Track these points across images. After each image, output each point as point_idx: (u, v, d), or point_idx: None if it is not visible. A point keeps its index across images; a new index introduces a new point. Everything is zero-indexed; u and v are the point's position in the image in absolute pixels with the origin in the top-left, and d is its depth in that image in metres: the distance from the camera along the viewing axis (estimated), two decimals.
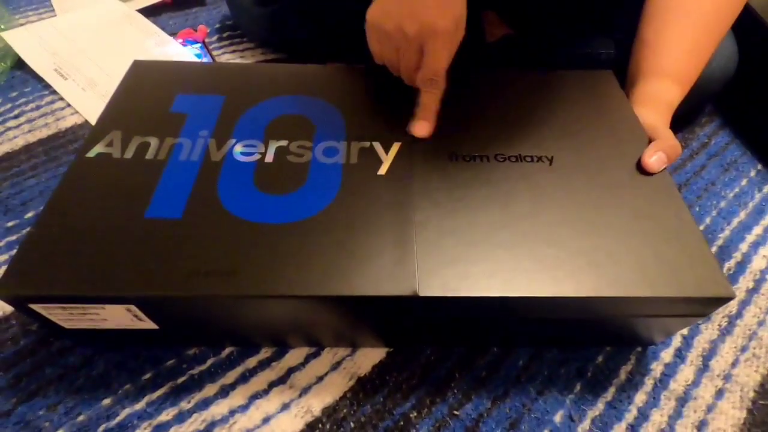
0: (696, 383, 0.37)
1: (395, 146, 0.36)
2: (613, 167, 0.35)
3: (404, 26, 0.33)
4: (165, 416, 0.33)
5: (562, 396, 0.35)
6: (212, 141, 0.35)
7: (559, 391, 0.35)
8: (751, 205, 0.49)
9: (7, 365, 0.34)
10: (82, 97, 0.54)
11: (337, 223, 0.31)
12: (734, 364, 0.38)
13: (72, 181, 0.32)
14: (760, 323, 0.40)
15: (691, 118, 0.58)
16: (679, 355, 0.38)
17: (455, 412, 0.34)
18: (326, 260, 0.29)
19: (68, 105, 0.53)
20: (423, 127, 0.36)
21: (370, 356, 0.36)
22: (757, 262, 0.45)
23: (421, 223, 0.31)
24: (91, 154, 0.34)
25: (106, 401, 0.33)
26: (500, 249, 0.30)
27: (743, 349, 0.39)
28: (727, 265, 0.44)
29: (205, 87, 0.40)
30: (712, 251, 0.31)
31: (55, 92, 0.55)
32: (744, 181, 0.52)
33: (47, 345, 0.35)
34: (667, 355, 0.38)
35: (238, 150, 0.35)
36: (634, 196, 0.33)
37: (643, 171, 0.35)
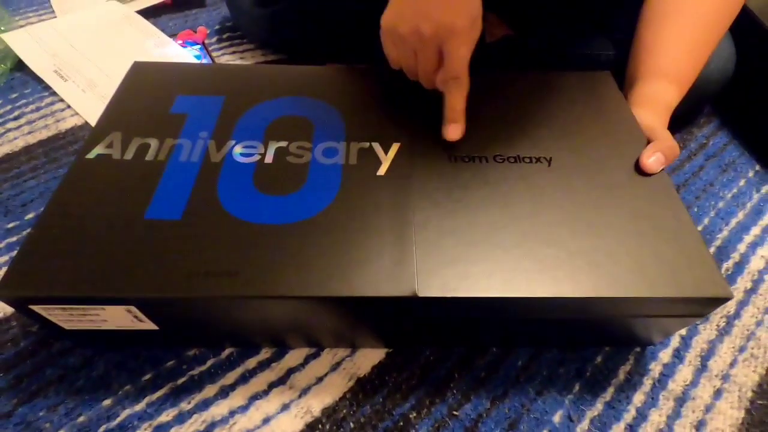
0: (694, 383, 0.37)
1: (394, 147, 0.36)
2: (611, 168, 0.35)
3: (420, 28, 0.32)
4: (165, 417, 0.33)
5: (561, 396, 0.35)
6: (212, 142, 0.35)
7: (558, 392, 0.35)
8: (749, 206, 0.50)
9: (8, 366, 0.34)
10: (82, 99, 0.54)
11: (337, 224, 0.31)
12: (732, 365, 0.38)
13: (72, 182, 0.32)
14: (758, 323, 0.40)
15: (690, 119, 0.58)
16: (678, 356, 0.38)
17: (454, 413, 0.34)
18: (325, 261, 0.29)
19: (68, 106, 0.54)
20: (455, 130, 0.36)
21: (369, 357, 0.36)
22: (755, 263, 0.45)
23: (421, 224, 0.31)
24: (91, 155, 0.34)
25: (107, 402, 0.33)
26: (499, 249, 0.30)
27: (741, 350, 0.39)
28: (725, 266, 0.44)
29: (205, 88, 0.40)
30: (710, 252, 0.31)
31: (55, 93, 0.55)
32: (742, 182, 0.52)
33: (47, 346, 0.35)
34: (666, 355, 0.38)
35: (237, 151, 0.35)
36: (633, 197, 0.34)
37: (642, 172, 0.35)
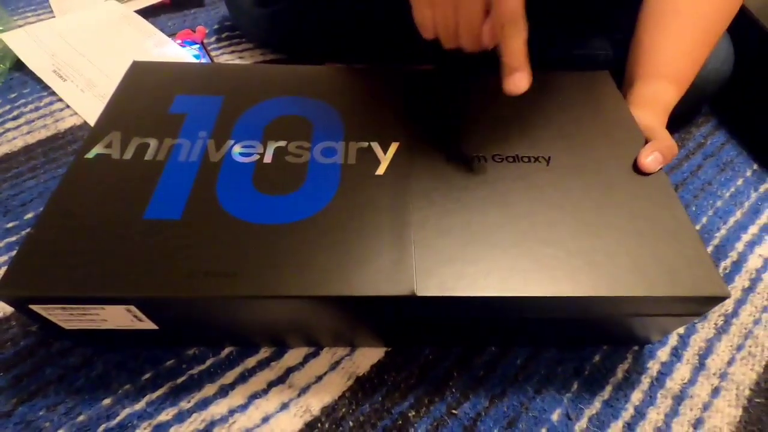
0: (692, 382, 0.37)
1: (393, 146, 0.36)
2: (610, 167, 0.36)
3: None
4: (165, 416, 0.33)
5: (560, 395, 0.35)
6: (211, 142, 0.35)
7: (557, 390, 0.36)
8: (747, 205, 0.50)
9: (8, 366, 0.34)
10: (81, 98, 0.54)
11: (336, 224, 0.31)
12: (730, 363, 0.38)
13: (71, 182, 0.32)
14: (756, 322, 0.41)
15: (688, 118, 0.58)
16: (676, 354, 0.38)
17: (453, 411, 0.34)
18: (324, 261, 0.29)
19: (67, 106, 0.54)
20: (522, 79, 0.31)
21: (368, 356, 0.36)
22: (753, 261, 0.45)
23: (419, 223, 0.31)
24: (90, 155, 0.34)
25: (106, 401, 0.33)
26: (498, 249, 0.30)
27: (739, 348, 0.39)
28: (723, 265, 0.45)
29: (204, 88, 0.40)
30: (707, 251, 0.31)
31: (54, 93, 0.55)
32: (740, 181, 0.52)
33: (47, 345, 0.35)
34: (664, 353, 0.38)
35: (236, 150, 0.35)
36: (631, 197, 0.34)
37: (640, 171, 0.35)
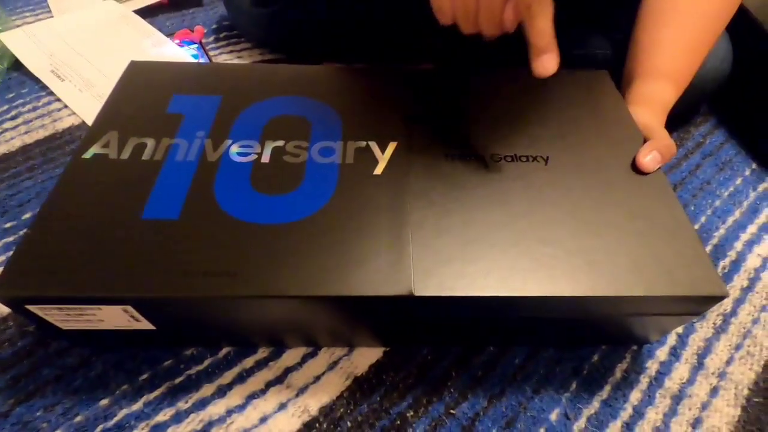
0: (691, 381, 0.37)
1: (391, 146, 0.36)
2: (608, 167, 0.36)
3: None
4: (162, 416, 0.33)
5: (558, 394, 0.35)
6: (209, 141, 0.35)
7: (555, 390, 0.35)
8: (745, 204, 0.50)
9: (5, 366, 0.34)
10: (79, 98, 0.54)
11: (333, 224, 0.31)
12: (729, 362, 0.38)
13: (68, 182, 0.32)
14: (755, 321, 0.40)
15: (687, 117, 0.58)
16: (674, 354, 0.38)
17: (451, 411, 0.34)
18: (322, 260, 0.29)
19: (65, 106, 0.53)
20: (550, 61, 0.30)
21: (367, 356, 0.36)
22: (752, 261, 0.45)
23: (417, 223, 0.31)
24: (88, 155, 0.34)
25: (104, 402, 0.33)
26: (496, 248, 0.30)
27: (738, 347, 0.39)
28: (722, 264, 0.45)
29: (202, 87, 0.40)
30: (706, 250, 0.31)
31: (52, 93, 0.55)
32: (739, 180, 0.52)
33: (45, 346, 0.35)
34: (663, 353, 0.38)
35: (234, 150, 0.35)
36: (630, 196, 0.34)
37: (639, 170, 0.35)
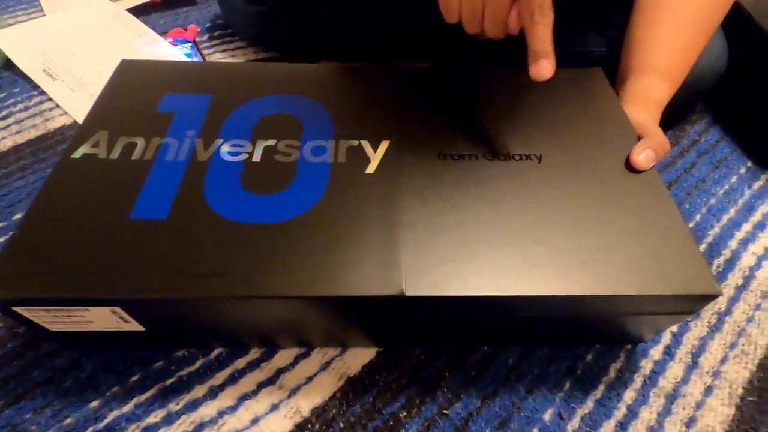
0: (685, 380, 0.37)
1: (384, 144, 0.35)
2: (602, 165, 0.35)
3: None
4: (153, 418, 0.32)
5: (552, 394, 0.35)
6: (199, 141, 0.35)
7: (549, 390, 0.35)
8: (740, 202, 0.50)
9: None
10: (71, 98, 0.53)
11: (324, 223, 0.31)
12: (723, 361, 0.38)
13: (56, 182, 0.32)
14: (749, 320, 0.40)
15: (682, 115, 0.58)
16: (669, 353, 0.38)
17: (445, 411, 0.34)
18: (313, 261, 0.29)
19: (57, 105, 0.53)
20: (546, 67, 0.31)
21: (360, 356, 0.36)
22: (746, 259, 0.45)
23: (409, 223, 0.31)
24: (77, 155, 0.34)
25: (94, 403, 0.33)
26: (489, 248, 0.30)
27: (732, 346, 0.39)
28: (716, 262, 0.44)
29: (193, 86, 0.40)
30: (699, 249, 0.31)
31: (43, 93, 0.54)
32: (734, 179, 0.52)
33: (34, 347, 0.35)
34: (657, 352, 0.38)
35: (225, 150, 0.35)
36: (623, 194, 0.33)
37: (632, 169, 0.35)
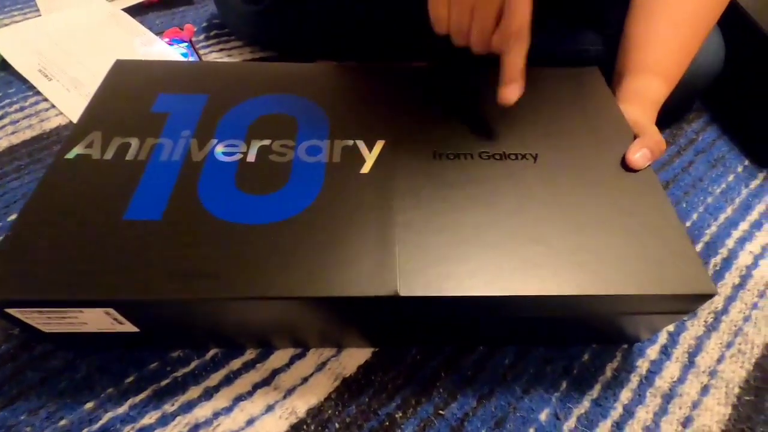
0: (681, 380, 0.37)
1: (379, 144, 0.35)
2: (598, 164, 0.35)
3: None
4: (148, 419, 0.32)
5: (548, 394, 0.35)
6: (194, 141, 0.35)
7: (545, 390, 0.35)
8: (737, 201, 0.49)
9: None
10: (67, 98, 0.53)
11: (319, 224, 0.30)
12: (720, 361, 0.38)
13: (50, 183, 0.32)
14: (746, 319, 0.40)
15: (679, 114, 0.58)
16: (665, 352, 0.38)
17: (440, 412, 0.34)
18: (307, 261, 0.29)
19: (52, 106, 0.53)
20: (514, 90, 0.34)
21: (355, 356, 0.36)
22: (743, 258, 0.45)
23: (404, 223, 0.31)
24: (70, 155, 0.34)
25: (89, 405, 0.33)
26: (484, 248, 0.30)
27: (729, 345, 0.39)
28: (713, 261, 0.44)
29: (188, 86, 0.40)
30: (695, 248, 0.31)
31: (39, 93, 0.54)
32: (731, 177, 0.52)
33: (29, 349, 0.35)
34: (653, 352, 0.38)
35: (219, 150, 0.34)
36: (619, 194, 0.33)
37: (628, 168, 0.35)
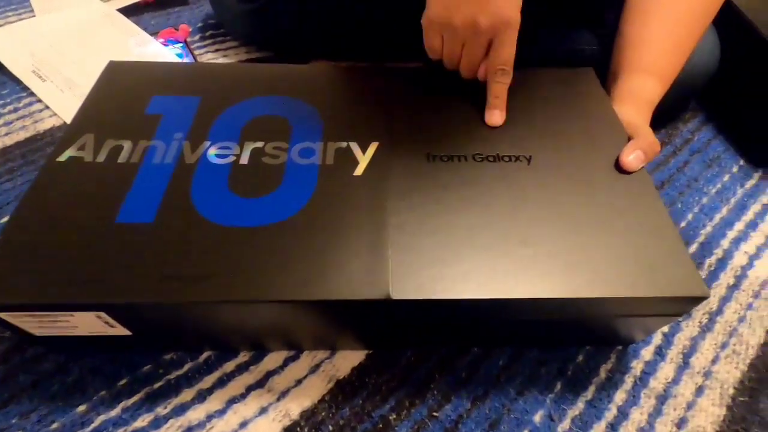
0: (676, 381, 0.37)
1: (372, 146, 0.35)
2: (592, 166, 0.35)
3: (477, 20, 0.34)
4: (141, 422, 0.32)
5: (542, 396, 0.35)
6: (187, 143, 0.35)
7: (540, 391, 0.35)
8: (733, 201, 0.49)
9: None
10: (61, 99, 0.53)
11: (312, 226, 0.30)
12: (714, 361, 0.38)
13: (41, 186, 0.32)
14: (741, 320, 0.40)
15: (675, 114, 0.58)
16: (660, 353, 0.38)
17: (434, 414, 0.34)
18: (299, 264, 0.29)
19: (46, 107, 0.53)
20: (498, 116, 0.38)
21: (349, 358, 0.36)
22: (738, 259, 0.45)
23: (397, 225, 0.31)
24: (63, 158, 0.33)
25: (81, 408, 0.33)
26: (477, 250, 0.30)
27: (723, 346, 0.39)
28: (708, 262, 0.44)
29: (182, 88, 0.39)
30: (688, 251, 0.31)
31: (33, 94, 0.54)
32: (726, 177, 0.52)
33: (20, 352, 0.35)
34: (648, 353, 0.38)
35: (212, 152, 0.34)
36: (613, 196, 0.33)
37: (622, 170, 0.35)
